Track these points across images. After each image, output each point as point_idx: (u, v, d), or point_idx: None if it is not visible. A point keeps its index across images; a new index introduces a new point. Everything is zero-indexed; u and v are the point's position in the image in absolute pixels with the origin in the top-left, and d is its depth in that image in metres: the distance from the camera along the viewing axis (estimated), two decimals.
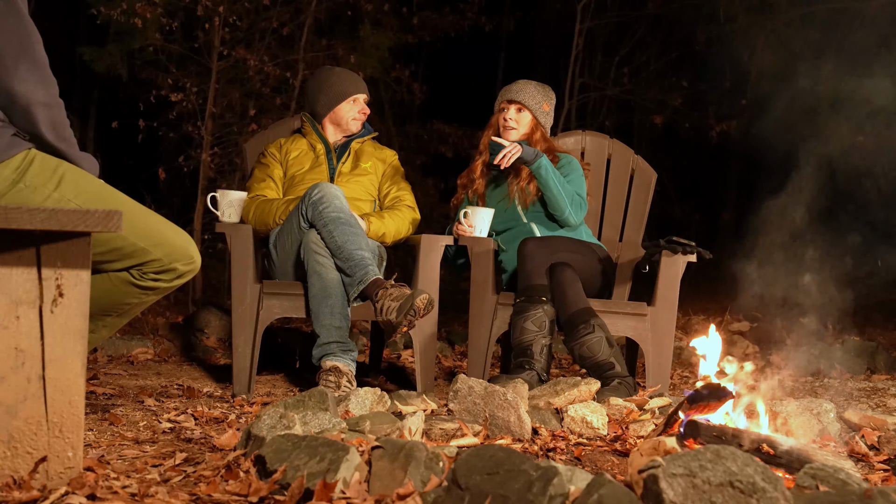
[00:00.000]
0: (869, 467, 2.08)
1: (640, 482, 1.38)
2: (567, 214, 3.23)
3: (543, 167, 3.18)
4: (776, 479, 1.34)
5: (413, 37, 7.38)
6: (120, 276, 2.07)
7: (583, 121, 8.28)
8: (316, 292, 2.91)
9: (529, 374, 2.88)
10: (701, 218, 9.36)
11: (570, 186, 3.26)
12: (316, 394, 2.14)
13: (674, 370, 4.12)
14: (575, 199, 3.25)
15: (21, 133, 1.96)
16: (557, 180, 3.20)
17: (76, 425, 1.60)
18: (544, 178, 3.19)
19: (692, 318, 5.77)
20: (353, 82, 3.36)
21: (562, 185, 3.21)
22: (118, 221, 1.58)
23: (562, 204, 3.21)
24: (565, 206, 3.22)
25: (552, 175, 3.19)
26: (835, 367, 4.17)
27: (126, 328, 4.13)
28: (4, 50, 1.90)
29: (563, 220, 3.26)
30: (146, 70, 6.18)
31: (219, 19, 5.69)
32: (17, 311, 1.55)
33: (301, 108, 5.53)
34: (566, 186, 3.23)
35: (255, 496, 1.51)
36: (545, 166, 3.18)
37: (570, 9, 7.70)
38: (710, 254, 3.09)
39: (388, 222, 3.21)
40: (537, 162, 3.17)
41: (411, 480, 1.49)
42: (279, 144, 3.36)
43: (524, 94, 3.35)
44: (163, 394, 2.90)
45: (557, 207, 3.22)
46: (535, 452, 2.09)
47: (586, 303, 3.00)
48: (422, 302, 2.73)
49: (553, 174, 3.20)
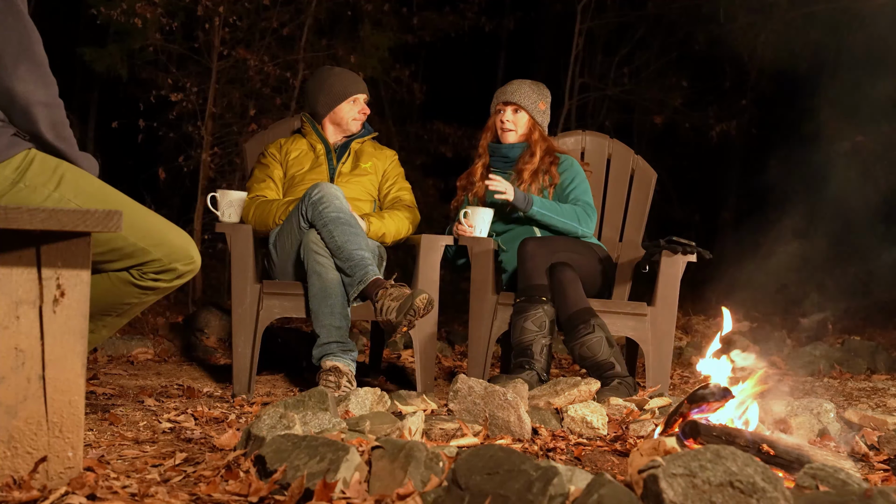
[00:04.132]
0: (869, 467, 2.08)
1: (640, 482, 1.38)
2: (580, 233, 3.25)
3: (538, 212, 3.20)
4: (776, 479, 1.34)
5: (413, 37, 7.37)
6: (120, 276, 2.07)
7: (583, 121, 8.27)
8: (316, 292, 2.91)
9: (529, 374, 2.88)
10: (701, 218, 9.36)
11: (569, 207, 3.25)
12: (316, 394, 2.14)
13: (674, 370, 4.12)
14: (580, 213, 3.25)
15: (21, 133, 1.96)
16: (556, 212, 3.21)
17: (76, 425, 1.60)
18: (542, 219, 3.22)
19: (692, 318, 5.77)
20: (353, 82, 3.36)
21: (562, 214, 3.22)
22: (118, 221, 1.58)
23: (571, 228, 3.23)
24: (575, 228, 3.23)
25: (549, 212, 3.21)
26: (835, 367, 4.17)
27: (126, 328, 4.13)
28: (4, 49, 1.90)
29: (579, 237, 3.27)
30: (146, 70, 6.17)
31: (219, 19, 5.69)
32: (17, 311, 1.55)
33: (301, 108, 5.54)
34: (566, 210, 3.23)
35: (255, 496, 1.51)
36: (538, 211, 3.20)
37: (570, 9, 7.69)
38: (710, 254, 3.09)
39: (388, 222, 3.21)
40: (531, 209, 3.20)
41: (411, 480, 1.49)
42: (279, 145, 3.36)
43: (519, 95, 3.35)
44: (163, 394, 2.90)
45: (569, 232, 3.25)
46: (535, 452, 2.09)
47: (586, 303, 3.00)
48: (421, 302, 2.73)
49: (549, 209, 3.21)
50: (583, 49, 7.73)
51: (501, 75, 9.63)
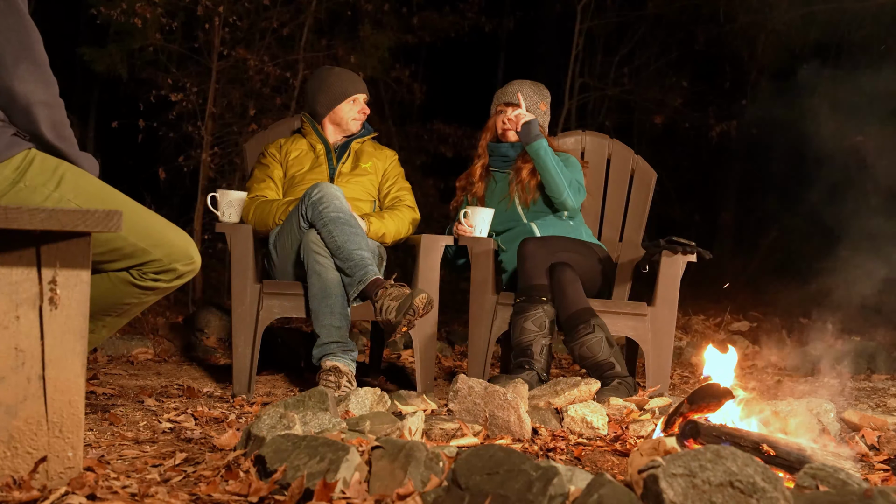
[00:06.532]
0: (869, 467, 2.08)
1: (640, 482, 1.38)
2: (565, 196, 3.24)
3: (543, 148, 3.21)
4: (776, 479, 1.34)
5: (413, 37, 7.37)
6: (120, 276, 2.07)
7: (583, 121, 8.27)
8: (316, 292, 2.91)
9: (529, 374, 2.88)
10: (701, 218, 9.35)
11: (567, 173, 3.27)
12: (316, 394, 2.14)
13: (674, 370, 4.12)
14: (573, 183, 3.27)
15: (21, 133, 1.96)
16: (557, 164, 3.23)
17: (76, 425, 1.60)
18: (543, 158, 3.22)
19: (692, 318, 5.77)
20: (352, 82, 3.36)
21: (560, 169, 3.24)
22: (118, 221, 1.58)
23: (560, 185, 3.23)
24: (563, 188, 3.23)
25: (550, 157, 3.22)
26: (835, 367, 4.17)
27: (126, 328, 4.13)
28: (4, 49, 1.90)
29: (562, 202, 3.26)
30: (146, 70, 6.17)
31: (219, 19, 5.68)
32: (17, 311, 1.55)
33: (301, 108, 5.53)
34: (564, 171, 3.25)
35: (255, 496, 1.51)
36: (545, 147, 3.22)
37: (570, 9, 7.69)
38: (710, 254, 3.09)
39: (388, 222, 3.21)
40: (538, 142, 3.20)
41: (411, 480, 1.49)
42: (279, 144, 3.36)
43: (521, 96, 3.36)
44: (163, 394, 2.90)
45: (556, 189, 3.23)
46: (535, 452, 2.09)
47: (586, 303, 3.00)
48: (421, 301, 2.73)
49: (552, 157, 3.23)
50: (583, 49, 7.73)
51: (501, 75, 9.63)
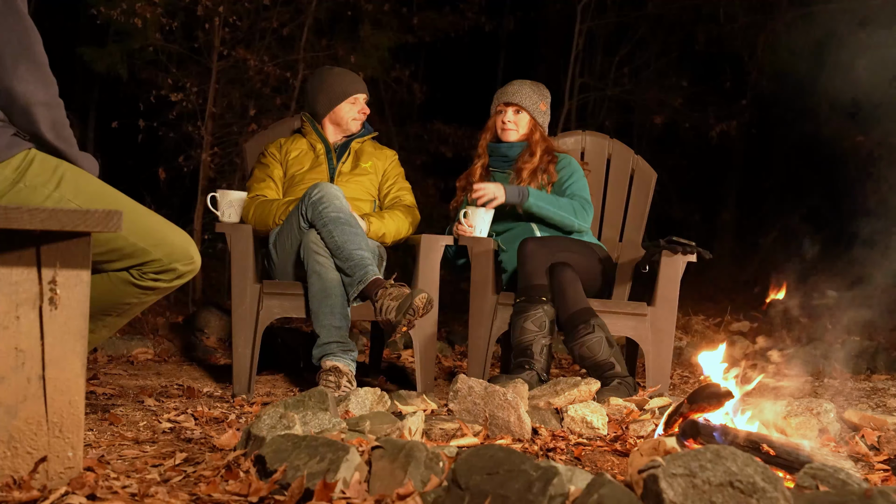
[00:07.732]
0: (869, 467, 2.08)
1: (640, 482, 1.38)
2: (577, 227, 3.25)
3: (534, 204, 3.20)
4: (776, 479, 1.34)
5: (413, 37, 7.36)
6: (120, 276, 2.07)
7: (583, 121, 8.26)
8: (316, 292, 2.91)
9: (529, 374, 2.88)
10: (701, 218, 9.35)
11: (565, 200, 3.25)
12: (316, 394, 2.14)
13: (674, 370, 4.12)
14: (577, 207, 3.25)
15: (21, 133, 1.96)
16: (552, 204, 3.22)
17: (76, 425, 1.60)
18: (539, 212, 3.22)
19: (692, 318, 5.76)
20: (352, 82, 3.36)
21: (559, 206, 3.22)
22: (118, 221, 1.58)
23: (567, 222, 3.24)
24: (572, 222, 3.24)
25: (545, 205, 3.21)
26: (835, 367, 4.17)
27: (126, 328, 4.13)
28: (4, 50, 1.90)
29: (575, 231, 3.27)
30: (146, 70, 6.16)
31: (219, 19, 5.68)
32: (17, 311, 1.55)
33: (301, 108, 5.52)
34: (563, 203, 3.24)
35: (255, 496, 1.51)
36: (535, 203, 3.20)
37: (570, 9, 7.68)
38: (710, 254, 3.09)
39: (388, 222, 3.21)
40: (526, 202, 3.20)
41: (411, 480, 1.49)
42: (279, 144, 3.36)
43: (521, 96, 3.36)
44: (163, 394, 2.90)
45: (566, 226, 3.25)
46: (535, 452, 2.09)
47: (586, 303, 3.00)
48: (421, 301, 2.73)
49: (546, 201, 3.21)
50: (583, 49, 7.72)
51: (501, 75, 9.61)
